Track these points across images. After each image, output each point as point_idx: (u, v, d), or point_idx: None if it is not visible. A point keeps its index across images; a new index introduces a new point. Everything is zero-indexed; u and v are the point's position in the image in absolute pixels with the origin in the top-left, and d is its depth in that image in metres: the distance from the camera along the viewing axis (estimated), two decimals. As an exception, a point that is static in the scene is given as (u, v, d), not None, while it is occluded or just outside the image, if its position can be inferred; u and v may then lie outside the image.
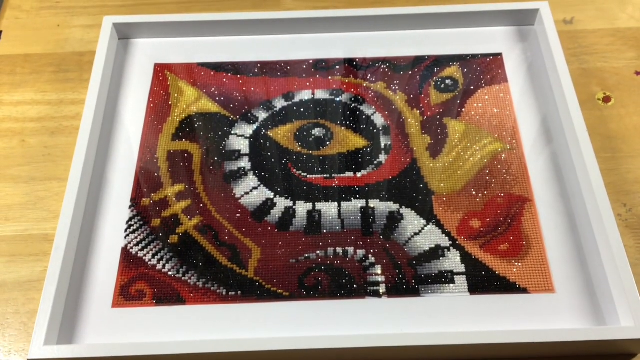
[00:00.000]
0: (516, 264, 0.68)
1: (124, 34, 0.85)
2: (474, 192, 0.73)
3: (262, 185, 0.74)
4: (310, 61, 0.84)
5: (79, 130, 0.74)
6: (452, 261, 0.68)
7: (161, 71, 0.84)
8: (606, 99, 0.81)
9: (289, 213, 0.72)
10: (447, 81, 0.82)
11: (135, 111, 0.80)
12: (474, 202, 0.72)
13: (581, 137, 0.72)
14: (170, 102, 0.81)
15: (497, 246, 0.69)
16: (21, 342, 0.67)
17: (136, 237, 0.71)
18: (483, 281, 0.67)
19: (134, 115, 0.80)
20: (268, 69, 0.84)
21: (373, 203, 0.73)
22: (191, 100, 0.81)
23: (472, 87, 0.81)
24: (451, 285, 0.67)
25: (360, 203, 0.73)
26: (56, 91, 0.84)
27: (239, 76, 0.83)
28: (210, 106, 0.81)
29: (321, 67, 0.84)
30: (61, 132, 0.81)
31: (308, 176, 0.75)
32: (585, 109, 0.77)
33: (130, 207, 0.73)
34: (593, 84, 0.82)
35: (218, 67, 0.84)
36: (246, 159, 0.76)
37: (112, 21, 0.83)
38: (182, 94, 0.82)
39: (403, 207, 0.72)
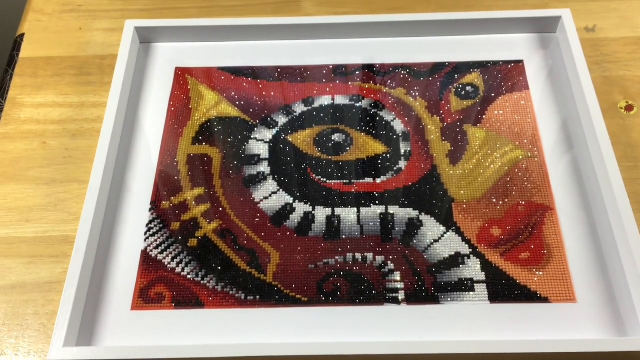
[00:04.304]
0: (537, 272, 0.67)
1: (145, 38, 0.86)
2: (494, 200, 0.72)
3: (281, 190, 0.74)
4: (330, 66, 0.84)
5: (99, 133, 0.74)
6: (472, 269, 0.68)
7: (182, 75, 0.84)
8: (629, 108, 0.81)
9: (308, 218, 0.72)
10: (468, 88, 0.81)
11: (155, 115, 0.80)
12: (494, 210, 0.72)
13: (603, 145, 0.71)
14: (190, 106, 0.81)
15: (518, 255, 0.69)
16: (40, 344, 0.67)
17: (156, 240, 0.71)
18: (503, 290, 0.67)
19: (154, 118, 0.80)
20: (287, 74, 0.84)
21: (392, 209, 0.72)
22: (211, 104, 0.81)
23: (492, 94, 0.80)
24: (471, 293, 0.67)
25: (380, 209, 0.72)
26: (77, 94, 0.85)
27: (258, 81, 0.83)
28: (230, 110, 0.81)
29: (341, 72, 0.83)
30: (82, 135, 0.81)
31: (327, 181, 0.75)
32: (608, 118, 0.76)
33: (150, 210, 0.73)
34: (615, 92, 0.82)
35: (238, 72, 0.84)
36: (265, 163, 0.76)
37: (133, 25, 0.83)
38: (203, 98, 0.82)
39: (422, 213, 0.72)
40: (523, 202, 0.72)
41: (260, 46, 0.86)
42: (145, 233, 0.71)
